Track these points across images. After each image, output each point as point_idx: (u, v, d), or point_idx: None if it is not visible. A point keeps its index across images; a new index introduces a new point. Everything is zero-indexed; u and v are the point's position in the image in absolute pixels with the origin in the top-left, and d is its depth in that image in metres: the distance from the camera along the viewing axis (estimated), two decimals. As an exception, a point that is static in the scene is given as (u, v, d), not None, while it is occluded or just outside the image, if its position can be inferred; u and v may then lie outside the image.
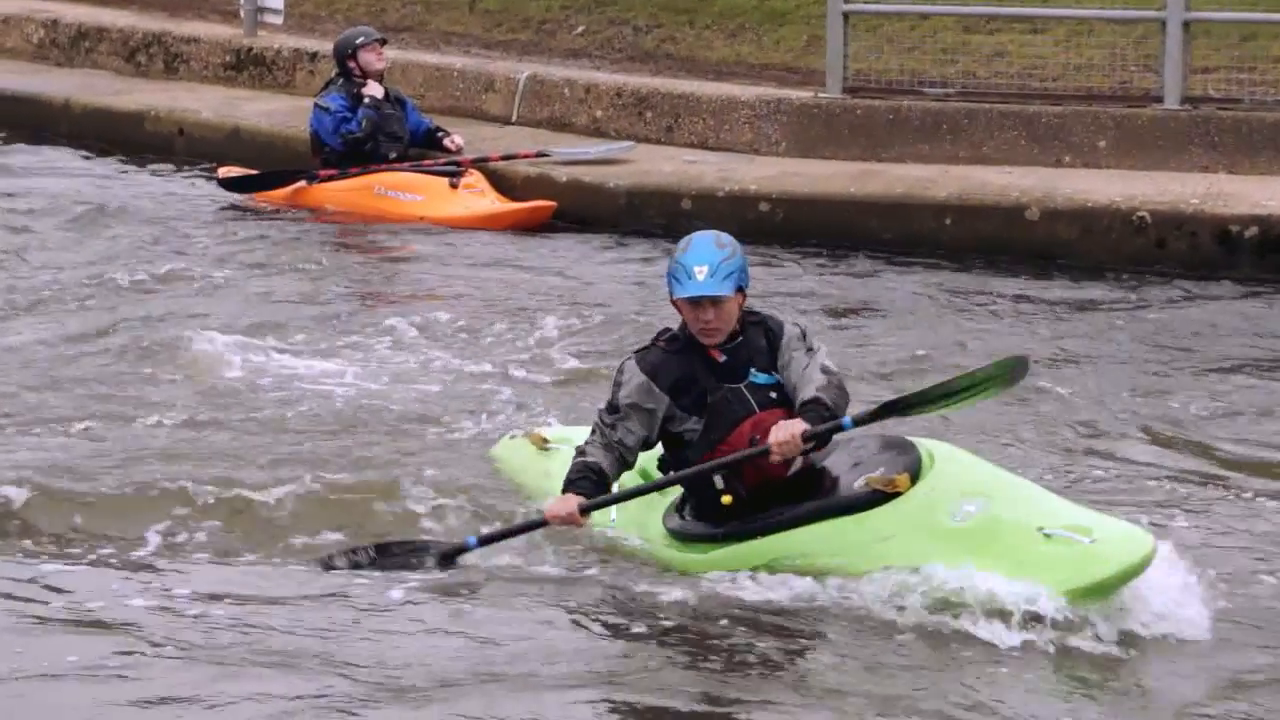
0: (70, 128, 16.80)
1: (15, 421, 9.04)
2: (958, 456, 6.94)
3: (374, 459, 8.42)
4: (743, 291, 7.04)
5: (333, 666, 6.26)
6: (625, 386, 7.09)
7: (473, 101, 15.97)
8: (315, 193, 14.24)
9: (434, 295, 11.92)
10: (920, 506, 6.65)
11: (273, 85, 17.20)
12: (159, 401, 9.44)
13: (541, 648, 6.47)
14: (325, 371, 10.06)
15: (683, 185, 13.87)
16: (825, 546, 6.75)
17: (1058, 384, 9.99)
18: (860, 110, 14.29)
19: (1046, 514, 6.56)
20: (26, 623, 6.63)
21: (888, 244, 13.13)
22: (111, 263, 12.47)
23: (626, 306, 11.51)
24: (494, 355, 10.38)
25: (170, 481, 8.01)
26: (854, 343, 10.79)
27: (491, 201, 13.91)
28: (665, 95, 15.09)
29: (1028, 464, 8.43)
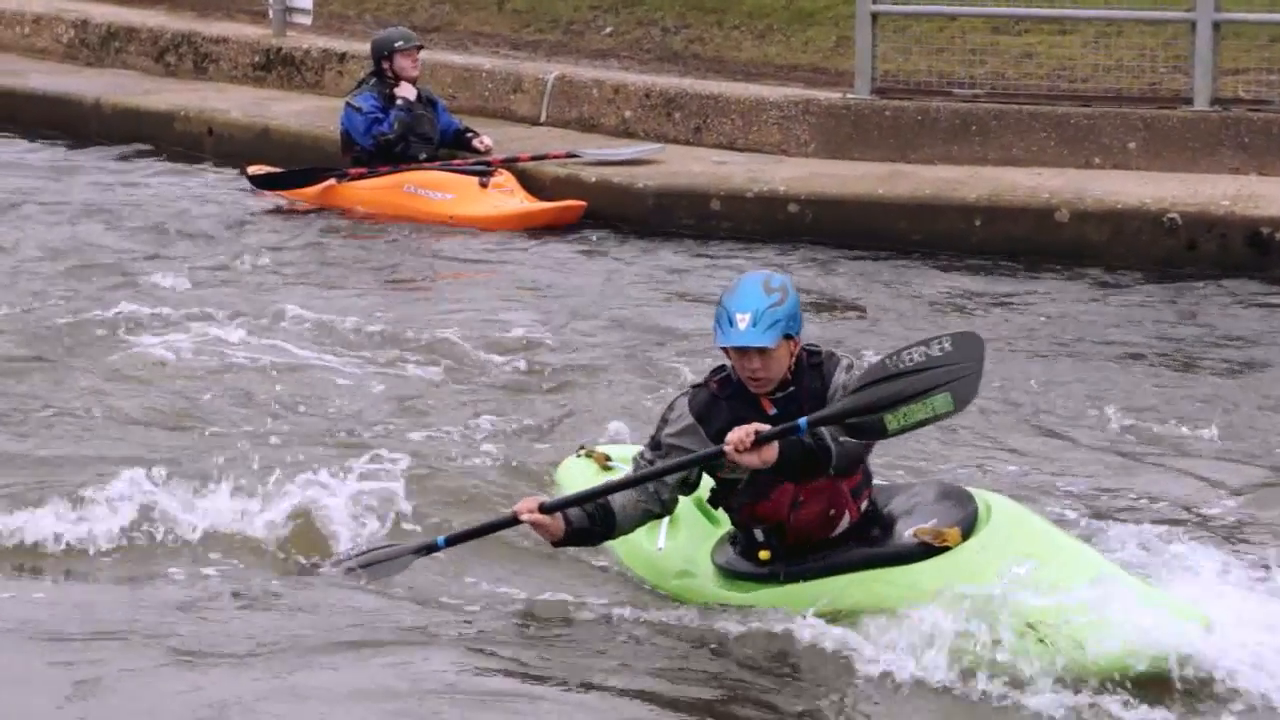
0: (100, 127, 16.84)
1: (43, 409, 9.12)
2: (1015, 513, 6.68)
3: (392, 465, 8.33)
4: (792, 339, 6.71)
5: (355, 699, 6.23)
6: (672, 425, 6.85)
7: (501, 102, 15.98)
8: (345, 191, 14.26)
9: (459, 296, 11.93)
10: (968, 564, 6.44)
11: (301, 85, 17.23)
12: (180, 397, 9.49)
13: (560, 676, 6.45)
14: (348, 370, 10.07)
15: (711, 186, 13.87)
16: (868, 596, 6.57)
17: (1088, 385, 9.99)
18: (889, 111, 14.28)
19: (1097, 582, 6.31)
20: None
21: (916, 245, 13.12)
22: (141, 261, 12.51)
23: (652, 312, 11.49)
24: (516, 361, 10.34)
25: (189, 477, 8.02)
26: (881, 345, 10.77)
27: (521, 201, 13.92)
28: (694, 96, 15.09)
29: (1068, 470, 8.44)
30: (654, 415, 7.09)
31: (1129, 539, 7.33)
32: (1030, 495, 8.21)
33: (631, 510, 6.88)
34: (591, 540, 7.01)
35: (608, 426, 8.86)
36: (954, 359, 6.41)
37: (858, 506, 6.81)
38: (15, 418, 9.14)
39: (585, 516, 6.87)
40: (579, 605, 7.03)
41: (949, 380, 6.41)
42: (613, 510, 6.87)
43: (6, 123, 17.16)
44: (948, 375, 6.41)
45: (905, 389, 6.42)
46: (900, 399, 6.42)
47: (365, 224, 13.84)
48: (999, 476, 8.59)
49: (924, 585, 6.42)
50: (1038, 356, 10.71)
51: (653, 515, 6.95)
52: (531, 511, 6.85)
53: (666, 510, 6.94)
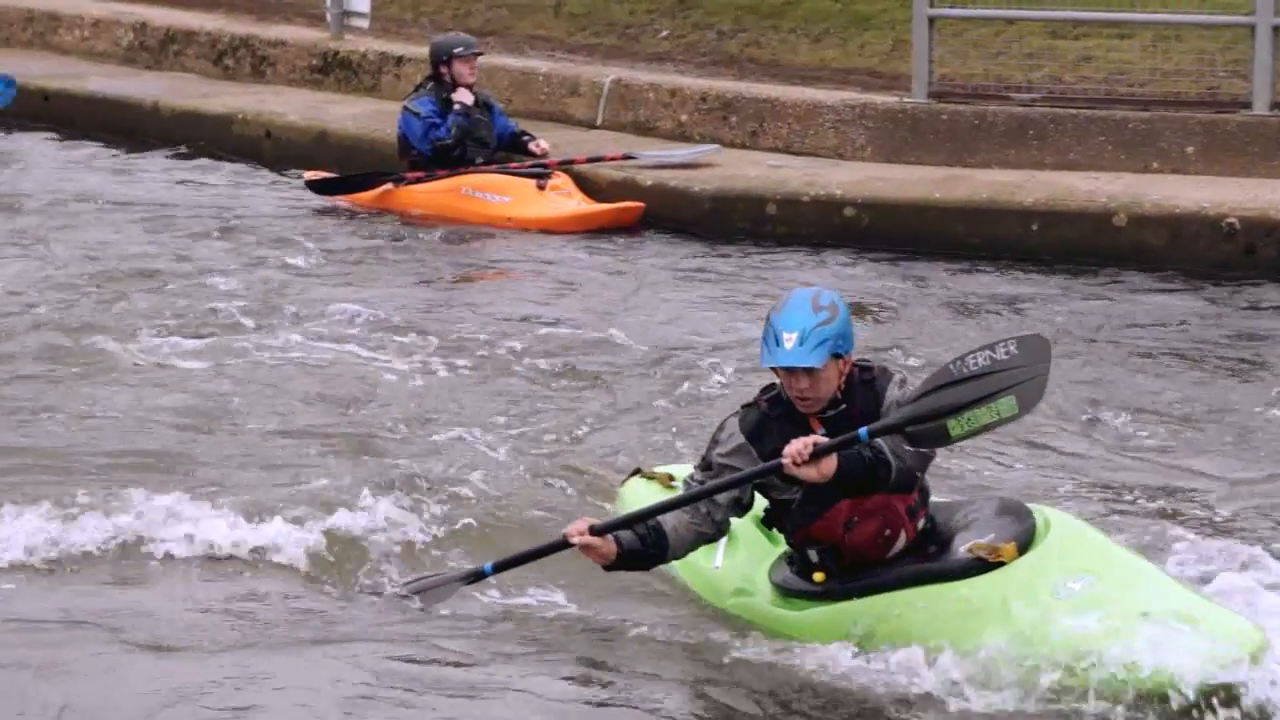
0: (159, 130, 16.94)
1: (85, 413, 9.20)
2: (1073, 528, 6.54)
3: (442, 477, 8.37)
4: (840, 358, 6.56)
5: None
6: (723, 445, 6.71)
7: (558, 105, 16.02)
8: (402, 195, 14.31)
9: (515, 299, 11.94)
10: (1024, 580, 6.32)
11: (359, 89, 17.30)
12: (240, 399, 9.54)
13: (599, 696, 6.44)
14: (402, 375, 10.11)
15: (768, 190, 13.87)
16: (922, 613, 6.43)
17: (1146, 391, 9.96)
18: (945, 115, 14.26)
19: (1153, 599, 6.19)
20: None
21: (973, 249, 13.08)
22: (196, 264, 12.57)
23: (712, 318, 11.48)
24: (572, 368, 10.34)
25: (235, 485, 8.13)
26: (935, 349, 10.76)
27: (578, 203, 13.95)
28: (750, 99, 15.10)
29: (1130, 479, 8.41)
30: (712, 426, 6.99)
31: (1191, 552, 7.29)
32: (1091, 502, 8.21)
33: (684, 532, 6.73)
34: (644, 564, 6.84)
35: (665, 439, 8.88)
36: (1019, 362, 6.28)
37: (914, 525, 6.68)
38: (58, 415, 9.21)
39: (637, 539, 6.73)
40: (626, 623, 6.96)
41: (1014, 384, 6.28)
42: (665, 533, 6.72)
43: (66, 125, 17.29)
44: (1013, 379, 6.28)
45: (970, 394, 6.30)
46: (964, 404, 6.30)
47: (423, 227, 13.88)
48: (1058, 483, 8.58)
49: (977, 601, 6.32)
50: (1094, 362, 10.67)
51: (706, 537, 6.80)
52: (582, 534, 6.71)
53: (720, 532, 6.80)
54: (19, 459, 8.55)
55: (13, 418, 9.21)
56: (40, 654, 6.53)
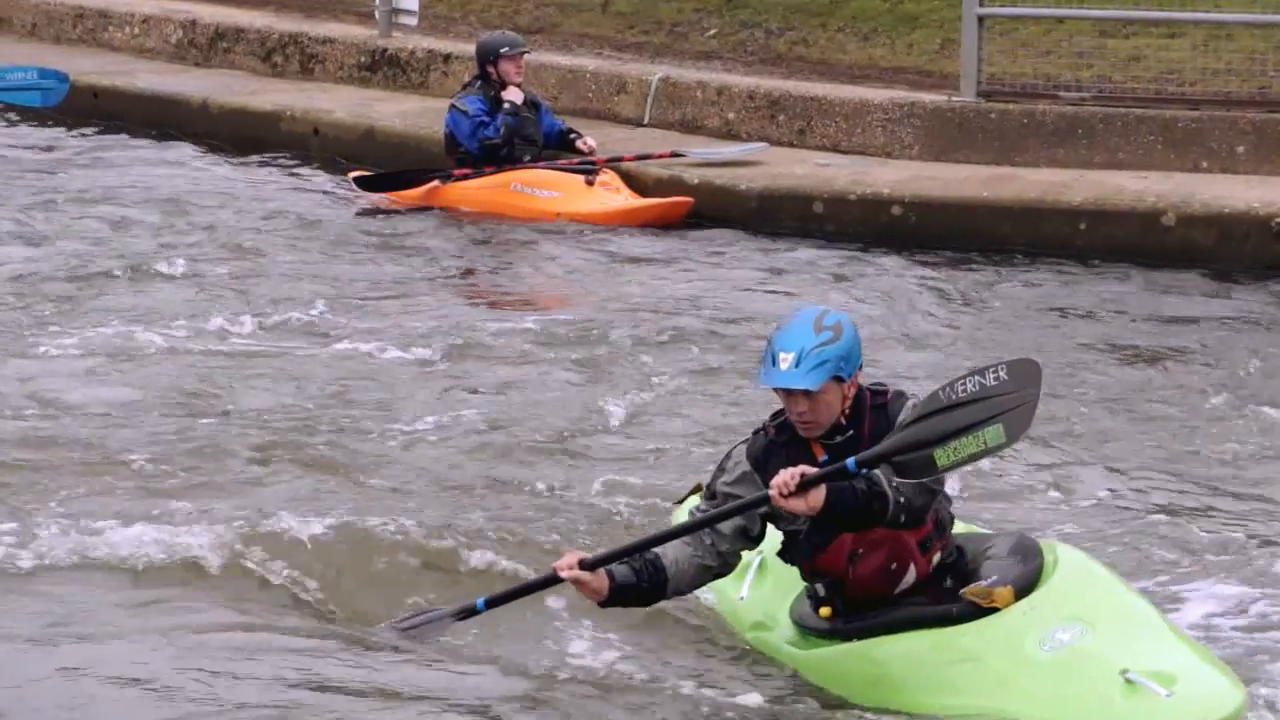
0: (207, 127, 16.98)
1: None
2: (1079, 569, 6.28)
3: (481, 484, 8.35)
4: (841, 380, 6.24)
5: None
6: (729, 473, 6.41)
7: (605, 103, 16.02)
8: (450, 191, 14.31)
9: (562, 297, 11.96)
10: (1013, 628, 6.05)
11: (406, 86, 17.31)
12: (276, 400, 9.53)
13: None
14: (450, 375, 10.11)
15: (815, 188, 13.85)
16: (910, 660, 6.17)
17: (1197, 393, 9.92)
18: (994, 114, 14.22)
19: (1140, 653, 5.89)
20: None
21: (1021, 249, 13.06)
22: (242, 261, 12.61)
23: (754, 316, 11.45)
24: (616, 367, 10.33)
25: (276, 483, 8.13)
26: (981, 350, 10.74)
27: (626, 198, 13.95)
28: (798, 98, 15.08)
29: (1182, 487, 8.37)
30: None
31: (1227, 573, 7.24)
32: (1134, 515, 8.15)
33: (685, 566, 6.38)
34: (641, 599, 6.47)
35: (717, 449, 8.81)
36: (1009, 388, 5.99)
37: (927, 561, 6.36)
38: (100, 407, 9.27)
39: (631, 573, 6.36)
40: (627, 659, 6.77)
41: (1003, 411, 5.99)
42: (663, 566, 6.36)
43: (115, 122, 17.34)
44: (1002, 406, 5.99)
45: (957, 422, 6.00)
46: (952, 433, 6.00)
47: (471, 222, 13.89)
48: (1106, 483, 8.56)
49: (958, 651, 6.08)
50: (1141, 361, 10.65)
51: (712, 571, 6.44)
52: (571, 568, 6.33)
53: (726, 565, 6.45)
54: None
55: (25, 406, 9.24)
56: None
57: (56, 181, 14.87)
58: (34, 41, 19.35)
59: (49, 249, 12.68)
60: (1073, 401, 9.78)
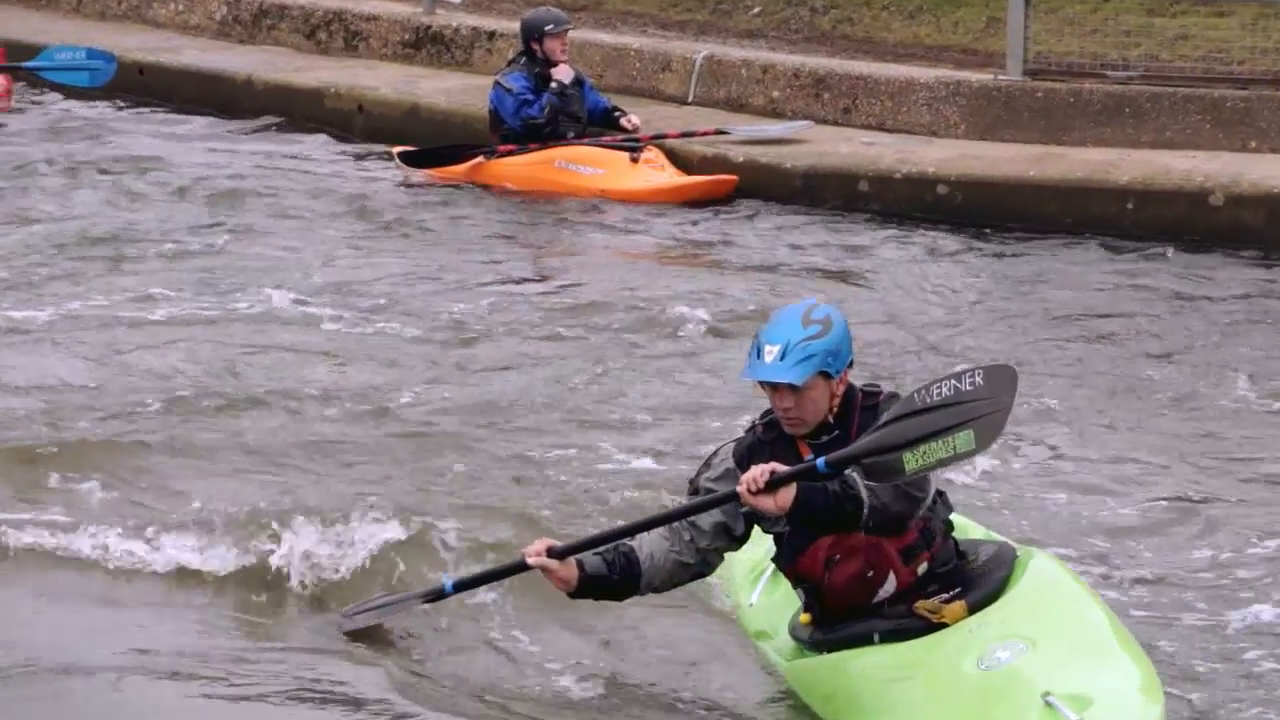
0: (252, 103, 16.99)
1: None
2: (1043, 583, 6.11)
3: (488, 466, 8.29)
4: (829, 376, 6.06)
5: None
6: (713, 469, 6.22)
7: (649, 81, 15.99)
8: (494, 168, 14.31)
9: (600, 275, 11.90)
10: (956, 645, 5.92)
11: (450, 64, 17.31)
12: (318, 380, 9.52)
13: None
14: (477, 353, 10.09)
15: (860, 167, 13.82)
16: (857, 676, 6.05)
17: (1243, 374, 9.86)
18: (1040, 93, 14.16)
19: (1071, 674, 5.75)
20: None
21: (1067, 228, 13.01)
22: (286, 236, 12.63)
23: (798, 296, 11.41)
24: (649, 349, 10.27)
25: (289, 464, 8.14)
26: (1024, 333, 10.70)
27: (671, 175, 13.93)
28: (843, 76, 15.03)
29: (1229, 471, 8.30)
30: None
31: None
32: (1185, 499, 8.09)
33: (661, 560, 6.19)
34: (613, 592, 6.28)
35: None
36: (983, 394, 5.85)
37: (910, 571, 6.15)
38: (144, 385, 9.29)
39: (603, 564, 6.18)
40: (637, 647, 6.70)
41: (975, 417, 5.84)
42: (637, 560, 6.19)
43: (160, 99, 17.35)
44: (974, 411, 5.85)
45: (929, 426, 5.85)
46: (923, 436, 5.84)
47: (516, 199, 13.89)
48: (1152, 460, 8.52)
49: (904, 665, 5.94)
50: (1189, 341, 10.60)
51: (690, 570, 6.26)
52: (539, 555, 6.15)
53: (706, 564, 6.26)
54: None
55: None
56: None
57: (100, 157, 14.88)
58: (78, 18, 19.38)
59: (89, 223, 12.67)
60: (1113, 386, 9.74)
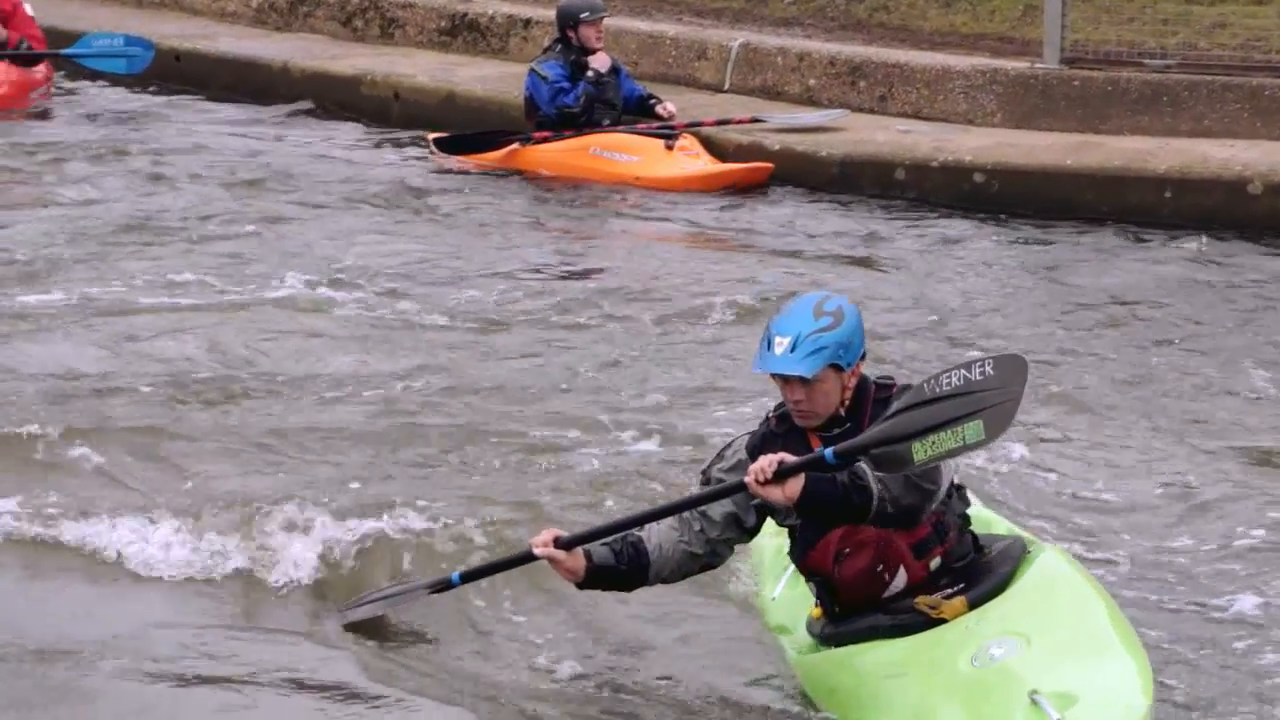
0: (288, 91, 17.00)
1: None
2: (1047, 579, 6.05)
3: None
4: (840, 369, 5.99)
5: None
6: (725, 461, 6.17)
7: (685, 69, 15.97)
8: (529, 154, 14.31)
9: (633, 263, 11.89)
10: (951, 642, 5.86)
11: (486, 51, 17.31)
12: (335, 367, 9.46)
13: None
14: (508, 343, 10.06)
15: (896, 155, 13.79)
16: (857, 672, 6.00)
17: (1268, 369, 9.82)
18: (1077, 81, 14.12)
19: (1061, 672, 5.68)
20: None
21: (1105, 216, 12.96)
22: (320, 222, 12.62)
23: (844, 285, 11.39)
24: (679, 337, 10.23)
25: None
26: (1056, 322, 10.66)
27: (706, 163, 13.91)
28: (879, 64, 15.00)
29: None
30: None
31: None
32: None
33: (670, 552, 6.15)
34: (621, 583, 6.23)
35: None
36: (993, 384, 5.78)
37: (923, 565, 6.07)
38: (150, 365, 9.31)
39: (611, 554, 6.14)
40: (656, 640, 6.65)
41: (984, 407, 5.77)
42: (645, 550, 6.14)
43: (197, 86, 17.38)
44: (984, 402, 5.77)
45: (938, 416, 5.77)
46: (932, 426, 5.77)
47: (550, 186, 13.89)
48: (1189, 453, 8.49)
49: (900, 662, 5.89)
50: (1225, 331, 10.56)
51: (699, 561, 6.20)
52: (547, 545, 6.11)
53: (716, 555, 6.20)
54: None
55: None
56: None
57: (135, 143, 14.91)
58: (116, 4, 19.41)
59: (119, 209, 12.68)
60: (1139, 375, 9.71)
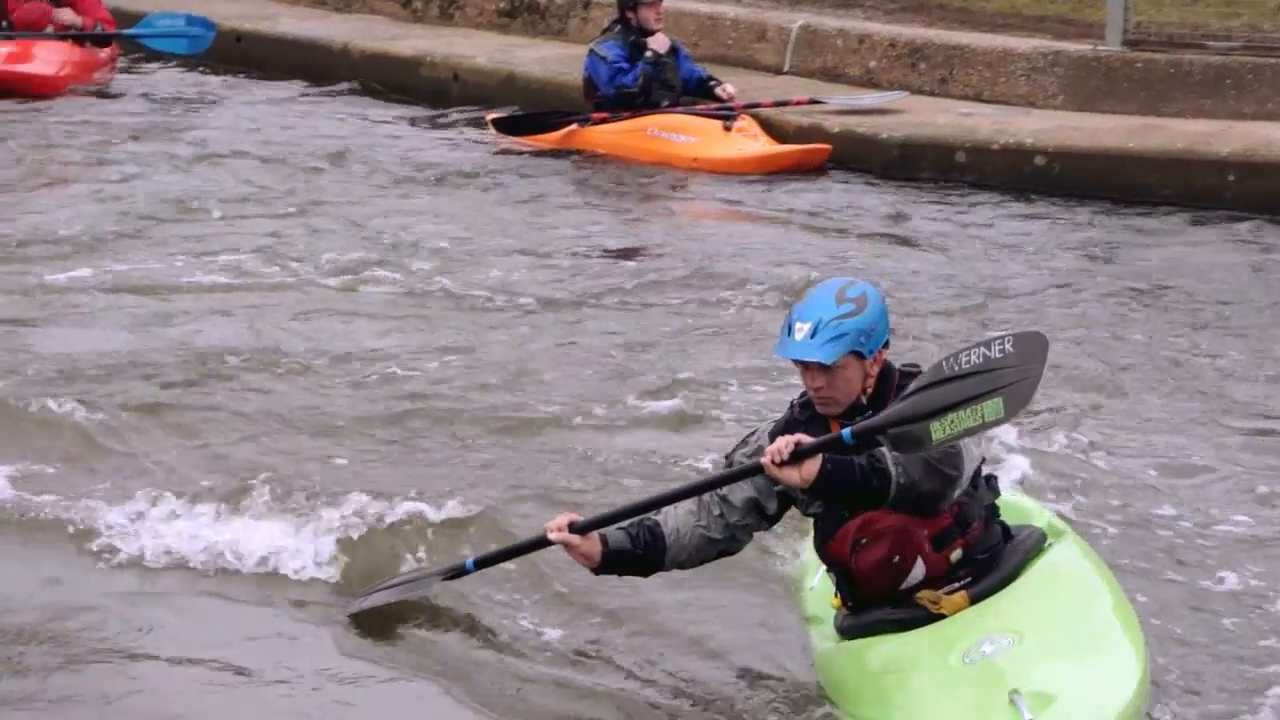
0: (348, 72, 17.03)
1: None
2: (1054, 573, 5.95)
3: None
4: (862, 356, 5.87)
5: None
6: (748, 447, 6.07)
7: (744, 51, 15.92)
8: (587, 134, 14.29)
9: (685, 245, 11.81)
10: (948, 636, 5.75)
11: (546, 32, 17.30)
12: (363, 350, 9.41)
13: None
14: (551, 321, 10.03)
15: (957, 137, 13.72)
16: (859, 666, 5.90)
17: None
18: (1140, 63, 14.02)
19: (1046, 671, 5.56)
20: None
21: (1167, 200, 12.88)
22: (379, 203, 12.62)
23: (894, 267, 11.30)
24: (727, 321, 10.15)
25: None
26: (1113, 304, 10.60)
27: (764, 144, 13.86)
28: (939, 46, 14.93)
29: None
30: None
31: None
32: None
33: (688, 537, 6.06)
34: (636, 568, 6.14)
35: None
36: (1013, 361, 5.67)
37: (942, 557, 5.94)
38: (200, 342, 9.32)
39: (627, 539, 6.05)
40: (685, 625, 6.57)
41: (1004, 385, 5.67)
42: (662, 535, 6.06)
43: (257, 67, 17.42)
44: (1003, 379, 5.67)
45: (957, 394, 5.66)
46: (950, 405, 5.66)
47: (607, 167, 13.87)
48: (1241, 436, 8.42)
49: (896, 657, 5.80)
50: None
51: (717, 546, 6.09)
52: (562, 530, 6.04)
53: (735, 540, 6.10)
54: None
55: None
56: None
57: (193, 123, 14.98)
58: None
59: (171, 189, 12.68)
60: (1201, 360, 9.63)
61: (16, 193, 12.62)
